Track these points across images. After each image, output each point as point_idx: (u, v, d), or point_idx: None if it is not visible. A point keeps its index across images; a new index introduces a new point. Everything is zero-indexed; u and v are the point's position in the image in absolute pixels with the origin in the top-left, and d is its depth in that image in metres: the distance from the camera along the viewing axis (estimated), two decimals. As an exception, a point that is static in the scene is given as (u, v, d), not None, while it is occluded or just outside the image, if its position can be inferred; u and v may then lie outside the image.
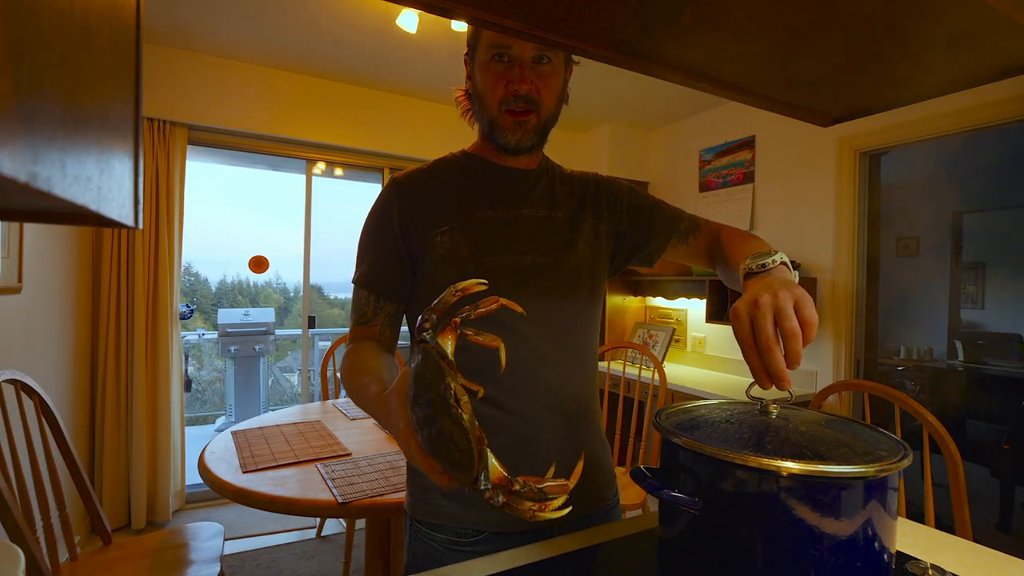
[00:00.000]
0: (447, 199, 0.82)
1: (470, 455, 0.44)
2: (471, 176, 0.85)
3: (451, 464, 0.46)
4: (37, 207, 0.30)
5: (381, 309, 0.82)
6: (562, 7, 0.50)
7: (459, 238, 0.79)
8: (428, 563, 0.80)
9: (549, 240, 0.83)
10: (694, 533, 0.55)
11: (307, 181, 3.15)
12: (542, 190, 0.87)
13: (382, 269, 0.82)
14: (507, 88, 0.77)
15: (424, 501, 0.81)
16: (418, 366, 0.47)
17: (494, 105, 0.79)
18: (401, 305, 0.84)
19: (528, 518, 0.45)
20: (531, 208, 0.84)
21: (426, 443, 0.47)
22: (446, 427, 0.44)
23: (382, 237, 0.82)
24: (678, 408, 0.69)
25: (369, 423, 1.94)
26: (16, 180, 0.18)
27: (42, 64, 0.21)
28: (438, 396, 0.44)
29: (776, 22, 0.52)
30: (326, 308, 5.81)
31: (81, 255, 2.49)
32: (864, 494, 0.49)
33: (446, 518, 0.79)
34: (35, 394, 1.50)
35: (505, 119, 0.79)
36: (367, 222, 0.84)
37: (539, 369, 0.79)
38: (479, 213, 0.81)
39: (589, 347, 0.87)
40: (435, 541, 0.80)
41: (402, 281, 0.82)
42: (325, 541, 2.54)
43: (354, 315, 0.83)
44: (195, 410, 5.16)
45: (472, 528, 0.78)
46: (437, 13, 0.49)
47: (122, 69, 0.32)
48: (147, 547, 1.57)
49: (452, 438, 0.44)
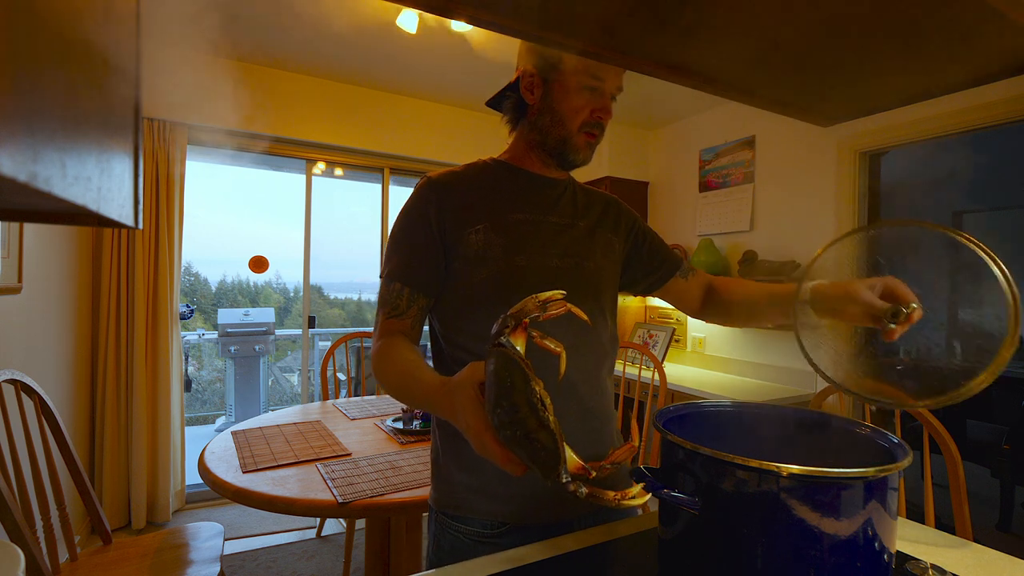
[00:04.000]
0: (481, 200, 0.86)
1: (556, 454, 0.47)
2: (504, 181, 0.90)
3: (534, 461, 0.49)
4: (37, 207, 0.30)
5: (414, 302, 0.84)
6: (562, 7, 0.50)
7: (492, 237, 0.83)
8: (454, 554, 0.83)
9: (572, 246, 0.89)
10: (694, 533, 0.55)
11: (307, 181, 3.15)
12: (566, 199, 0.93)
13: (417, 262, 0.84)
14: (592, 114, 0.85)
15: (450, 495, 0.85)
16: (498, 370, 0.50)
17: (575, 126, 0.85)
18: (432, 300, 0.86)
19: (613, 506, 0.49)
20: (557, 215, 0.90)
21: (509, 442, 0.50)
22: (532, 428, 0.48)
23: (418, 231, 0.84)
24: (678, 408, 0.69)
25: (369, 423, 1.94)
26: (16, 180, 0.18)
27: (42, 64, 0.21)
28: (524, 401, 0.48)
29: (776, 22, 0.52)
30: (326, 308, 5.81)
31: (81, 255, 2.49)
32: (864, 494, 0.49)
33: (472, 511, 0.83)
34: (35, 394, 1.50)
35: (580, 139, 0.86)
36: (400, 218, 0.87)
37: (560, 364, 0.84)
38: (511, 216, 0.86)
39: (607, 348, 0.91)
40: (461, 533, 0.83)
41: (436, 275, 0.85)
42: (325, 541, 2.54)
43: (385, 308, 0.84)
44: (195, 410, 5.17)
45: (497, 520, 0.82)
46: (437, 13, 0.49)
47: (122, 69, 0.32)
48: (147, 547, 1.57)
49: (538, 439, 0.48)
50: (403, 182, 3.57)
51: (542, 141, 0.89)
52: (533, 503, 0.82)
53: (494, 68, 2.75)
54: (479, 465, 0.82)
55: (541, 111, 0.87)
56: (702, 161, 3.41)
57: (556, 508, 0.83)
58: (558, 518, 0.84)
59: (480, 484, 0.82)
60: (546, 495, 0.82)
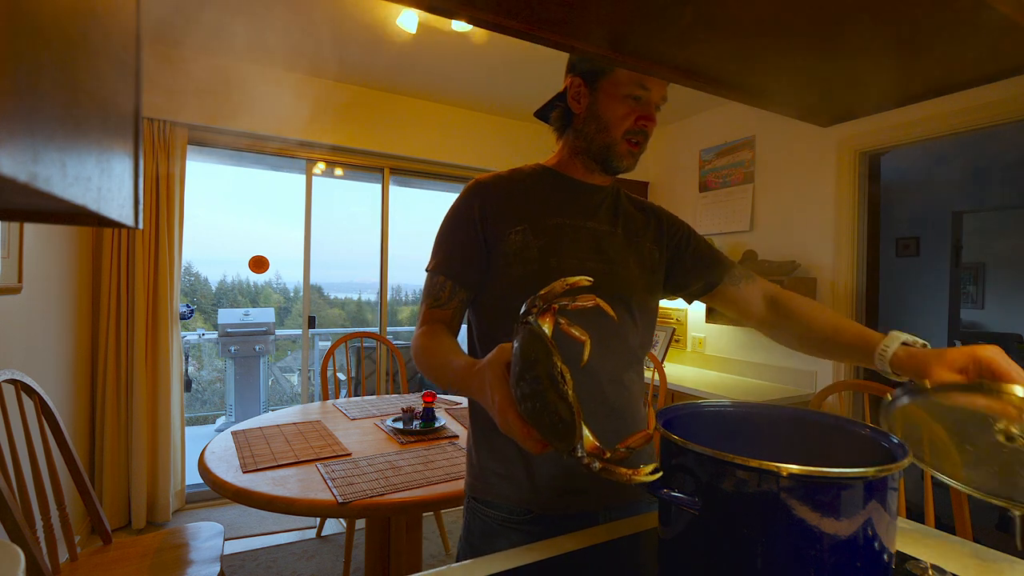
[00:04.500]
0: (523, 203, 0.91)
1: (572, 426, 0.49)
2: (547, 186, 0.94)
3: (552, 434, 0.51)
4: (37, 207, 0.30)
5: (456, 295, 0.89)
6: (562, 7, 0.50)
7: (530, 238, 0.87)
8: (483, 538, 0.88)
9: (607, 252, 0.91)
10: (694, 533, 0.55)
11: (307, 181, 3.15)
12: (607, 207, 0.96)
13: (460, 258, 0.90)
14: (636, 122, 0.87)
15: (482, 481, 0.90)
16: (523, 345, 0.52)
17: (619, 133, 0.88)
18: (472, 294, 0.91)
19: (625, 482, 0.50)
20: (596, 221, 0.93)
21: (529, 415, 0.52)
22: (551, 400, 0.49)
23: (463, 229, 0.90)
24: (678, 408, 0.69)
25: (369, 423, 1.94)
26: (16, 180, 0.18)
27: (42, 64, 0.21)
28: (546, 373, 0.50)
29: (776, 23, 0.52)
30: (326, 308, 5.81)
31: (81, 255, 2.49)
32: (864, 494, 0.49)
33: (500, 497, 0.87)
34: (35, 394, 1.50)
35: (624, 146, 0.89)
36: (448, 216, 0.93)
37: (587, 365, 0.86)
38: (550, 219, 0.90)
39: (636, 353, 0.94)
40: (490, 518, 0.88)
41: (477, 270, 0.90)
42: (325, 541, 2.54)
43: (428, 299, 0.90)
44: (195, 410, 5.16)
45: (523, 507, 0.86)
46: (437, 13, 0.49)
47: (122, 69, 0.32)
48: (147, 547, 1.57)
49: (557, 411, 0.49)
50: (403, 182, 3.57)
51: (587, 148, 0.92)
52: (556, 493, 0.85)
53: (494, 68, 2.75)
54: (506, 454, 0.87)
55: (587, 119, 0.90)
56: (702, 161, 3.41)
57: (579, 499, 0.86)
58: (580, 509, 0.87)
59: (507, 472, 0.87)
60: (569, 486, 0.86)
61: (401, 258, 3.51)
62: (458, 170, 3.52)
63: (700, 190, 3.42)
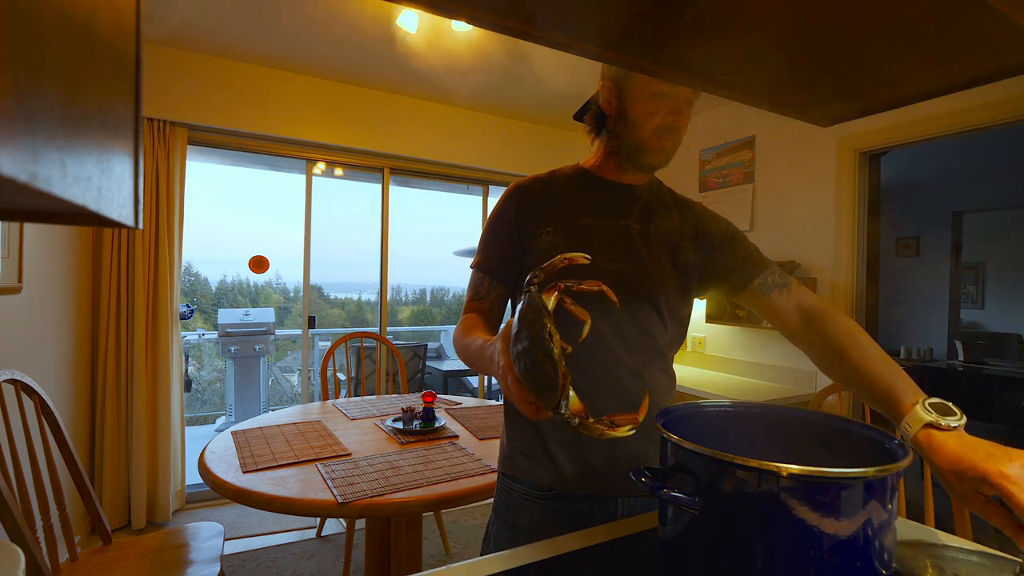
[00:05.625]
0: (556, 204, 0.95)
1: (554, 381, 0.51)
2: (580, 188, 0.97)
3: (538, 389, 0.53)
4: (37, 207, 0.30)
5: (493, 290, 0.97)
6: (562, 7, 0.50)
7: (560, 239, 0.91)
8: (509, 509, 0.95)
9: (637, 251, 0.93)
10: (694, 533, 0.55)
11: (307, 181, 3.15)
12: (642, 205, 0.97)
13: (497, 257, 0.96)
14: (665, 118, 0.87)
15: (510, 458, 0.96)
16: (522, 309, 0.56)
17: (648, 129, 0.89)
18: (509, 289, 0.98)
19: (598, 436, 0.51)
20: (627, 220, 0.94)
21: (521, 373, 0.55)
22: (539, 357, 0.52)
23: (500, 230, 0.96)
24: (678, 408, 0.69)
25: (369, 423, 1.95)
26: (16, 180, 0.18)
27: (42, 64, 0.21)
28: (535, 333, 0.53)
29: (776, 22, 0.52)
30: (326, 308, 5.81)
31: (81, 255, 2.49)
32: (864, 494, 0.49)
33: (524, 473, 0.93)
34: (35, 394, 1.50)
35: (655, 142, 0.89)
36: (490, 217, 1.00)
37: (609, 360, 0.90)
38: (581, 220, 0.93)
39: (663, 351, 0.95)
40: (516, 492, 0.94)
41: (513, 268, 0.96)
42: (325, 541, 2.54)
43: (469, 292, 0.99)
44: (195, 410, 5.17)
45: (545, 485, 0.91)
46: (437, 13, 0.49)
47: (122, 69, 0.32)
48: (147, 547, 1.57)
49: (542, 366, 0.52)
50: (403, 182, 3.57)
51: (618, 147, 0.94)
52: (575, 475, 0.90)
53: (494, 68, 2.75)
54: (528, 435, 0.93)
55: (618, 118, 0.92)
56: (702, 161, 3.41)
57: (596, 482, 0.90)
58: (599, 491, 0.90)
59: (531, 451, 0.93)
60: (585, 470, 0.89)
61: (401, 258, 3.52)
62: (458, 170, 3.52)
63: (700, 190, 3.42)
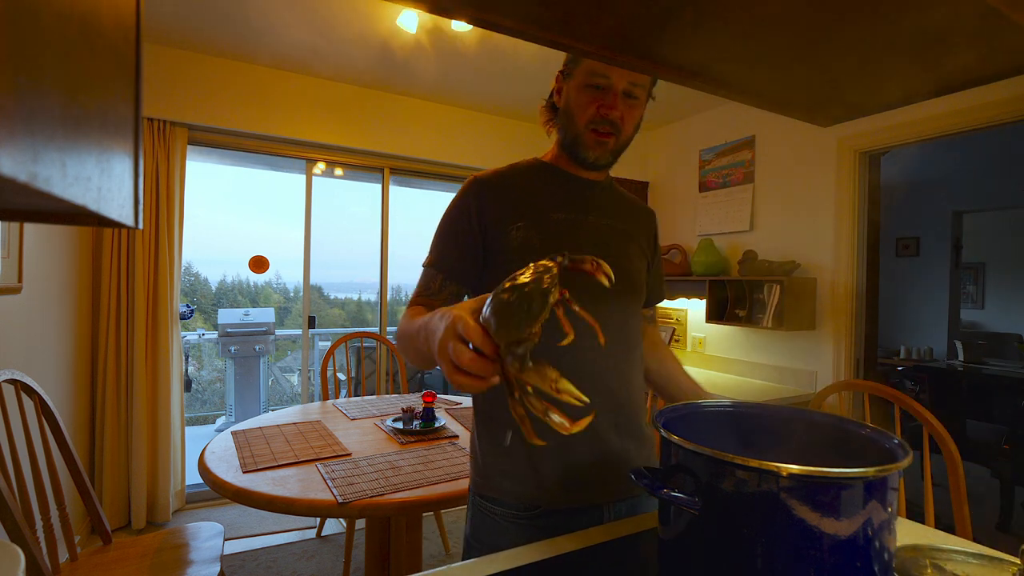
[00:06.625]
0: (523, 199, 0.91)
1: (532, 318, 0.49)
2: (545, 181, 0.95)
3: (508, 317, 0.50)
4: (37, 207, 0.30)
5: (445, 287, 0.91)
6: (562, 7, 0.50)
7: (532, 234, 0.88)
8: (490, 534, 0.88)
9: (609, 246, 0.93)
10: (694, 533, 0.55)
11: (307, 181, 3.15)
12: (604, 201, 0.97)
13: (452, 253, 0.91)
14: (598, 111, 0.86)
15: (485, 478, 0.90)
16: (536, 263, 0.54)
17: (582, 123, 0.88)
18: (463, 288, 0.93)
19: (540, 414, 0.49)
20: (594, 215, 0.94)
21: (497, 303, 0.51)
22: (533, 291, 0.50)
23: (458, 225, 0.91)
24: (678, 408, 0.69)
25: (369, 423, 1.94)
26: (16, 180, 0.18)
27: (42, 64, 0.21)
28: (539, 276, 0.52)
29: (776, 22, 0.52)
30: (326, 308, 5.81)
31: (81, 255, 2.49)
32: (864, 494, 0.49)
33: (506, 494, 0.87)
34: (35, 394, 1.50)
35: (589, 137, 0.88)
36: (446, 213, 0.94)
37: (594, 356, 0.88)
38: (551, 214, 0.90)
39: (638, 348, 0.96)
40: (496, 514, 0.88)
41: (469, 267, 0.91)
42: (325, 541, 2.54)
43: (418, 289, 0.93)
44: (195, 410, 5.16)
45: (530, 503, 0.86)
46: (437, 13, 0.49)
47: (122, 69, 0.32)
48: (147, 547, 1.57)
49: (531, 300, 0.50)
50: (403, 182, 3.57)
51: (562, 140, 0.93)
52: (561, 488, 0.85)
53: (494, 68, 2.75)
54: (510, 451, 0.87)
55: (562, 112, 0.92)
56: (702, 161, 3.41)
57: (583, 492, 0.87)
58: (585, 502, 0.87)
59: (511, 467, 0.87)
60: (572, 480, 0.86)
61: (401, 258, 3.51)
62: (458, 170, 3.52)
63: (700, 190, 3.42)
